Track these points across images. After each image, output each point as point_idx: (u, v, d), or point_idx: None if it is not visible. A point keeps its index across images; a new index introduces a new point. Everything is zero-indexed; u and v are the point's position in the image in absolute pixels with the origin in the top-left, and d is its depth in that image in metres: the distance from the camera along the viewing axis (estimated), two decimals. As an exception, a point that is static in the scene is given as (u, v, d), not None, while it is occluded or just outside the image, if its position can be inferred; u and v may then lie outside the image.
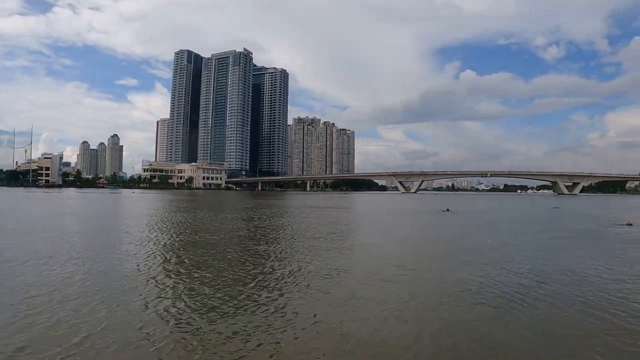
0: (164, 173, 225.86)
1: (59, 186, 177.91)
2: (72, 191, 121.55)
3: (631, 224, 30.25)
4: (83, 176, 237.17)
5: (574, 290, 10.07)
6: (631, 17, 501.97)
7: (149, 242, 16.71)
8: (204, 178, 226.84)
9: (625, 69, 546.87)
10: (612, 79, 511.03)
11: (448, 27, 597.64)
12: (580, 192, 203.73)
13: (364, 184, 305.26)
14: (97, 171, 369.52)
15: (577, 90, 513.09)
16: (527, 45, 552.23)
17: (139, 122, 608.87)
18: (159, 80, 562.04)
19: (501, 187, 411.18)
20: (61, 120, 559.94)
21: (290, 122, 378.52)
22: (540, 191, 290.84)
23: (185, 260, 12.90)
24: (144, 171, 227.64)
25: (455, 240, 21.04)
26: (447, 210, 47.10)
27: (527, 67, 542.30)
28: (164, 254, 14.00)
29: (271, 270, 11.58)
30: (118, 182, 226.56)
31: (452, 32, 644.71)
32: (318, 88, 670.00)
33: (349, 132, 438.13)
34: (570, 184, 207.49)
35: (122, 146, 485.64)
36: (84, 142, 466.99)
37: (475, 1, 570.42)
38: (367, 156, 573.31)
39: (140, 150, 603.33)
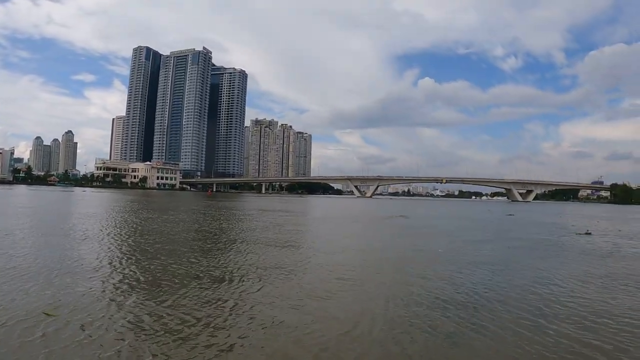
0: (117, 172, 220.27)
1: (9, 182, 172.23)
2: (23, 188, 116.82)
3: (590, 233, 28.86)
4: (34, 173, 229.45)
5: (539, 310, 8.81)
6: (588, 32, 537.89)
7: (80, 245, 15.28)
8: (158, 178, 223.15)
9: (580, 82, 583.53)
10: (568, 91, 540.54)
11: (408, 34, 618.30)
12: (534, 199, 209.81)
13: (320, 187, 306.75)
14: (50, 168, 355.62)
15: (533, 100, 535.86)
16: (485, 55, 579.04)
17: (95, 119, 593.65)
18: (117, 76, 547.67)
19: (456, 193, 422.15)
20: (15, 115, 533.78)
21: (248, 123, 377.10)
22: (495, 198, 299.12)
23: (107, 267, 11.46)
24: (97, 169, 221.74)
25: (407, 249, 19.38)
26: (401, 215, 46.57)
27: (485, 76, 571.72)
28: (95, 263, 12.32)
29: (204, 288, 9.86)
30: (70, 180, 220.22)
31: (413, 40, 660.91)
32: (278, 91, 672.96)
33: (306, 135, 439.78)
34: (524, 191, 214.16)
35: (76, 143, 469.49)
36: (37, 138, 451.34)
37: (436, 10, 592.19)
38: (324, 160, 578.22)
39: (95, 148, 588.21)
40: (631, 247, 22.09)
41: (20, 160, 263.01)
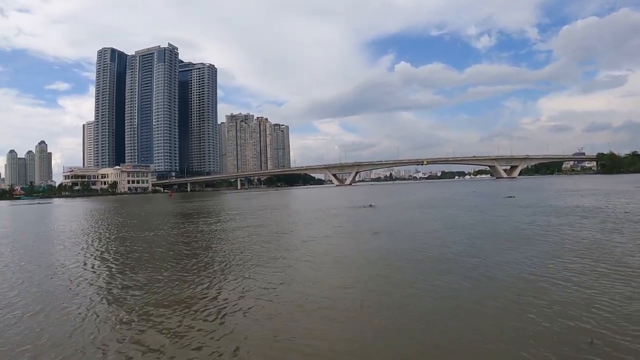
0: (86, 179, 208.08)
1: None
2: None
3: None
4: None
5: None
6: (560, 7, 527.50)
7: None
8: (129, 182, 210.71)
9: (555, 57, 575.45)
10: (543, 66, 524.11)
11: (379, 19, 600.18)
12: (519, 175, 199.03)
13: (300, 178, 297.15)
14: (27, 181, 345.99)
15: (509, 77, 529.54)
16: (459, 35, 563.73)
17: (72, 128, 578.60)
18: (92, 82, 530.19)
19: (439, 174, 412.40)
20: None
21: (223, 119, 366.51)
22: (478, 176, 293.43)
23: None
24: (65, 178, 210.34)
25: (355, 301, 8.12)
26: (370, 205, 38.09)
27: (460, 56, 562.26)
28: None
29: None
30: (38, 191, 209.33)
31: (384, 25, 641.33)
32: (254, 85, 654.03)
33: (283, 127, 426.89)
34: (509, 167, 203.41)
35: (50, 153, 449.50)
36: (11, 152, 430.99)
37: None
38: (305, 151, 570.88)
39: (74, 157, 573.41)
40: None
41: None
